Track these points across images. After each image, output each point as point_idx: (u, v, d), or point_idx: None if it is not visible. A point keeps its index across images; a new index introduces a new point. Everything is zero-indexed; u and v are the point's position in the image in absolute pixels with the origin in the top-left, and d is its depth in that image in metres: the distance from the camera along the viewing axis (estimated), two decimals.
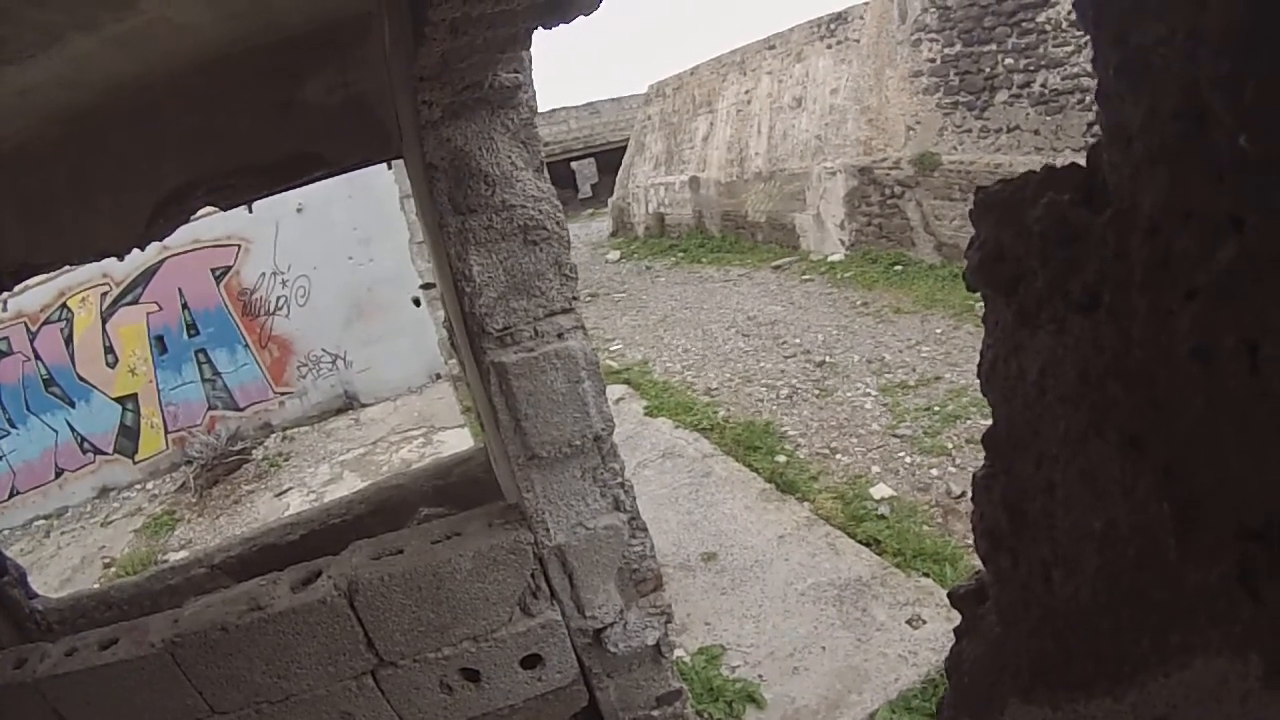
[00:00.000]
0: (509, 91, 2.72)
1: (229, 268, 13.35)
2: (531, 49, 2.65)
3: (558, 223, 2.88)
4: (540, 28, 2.30)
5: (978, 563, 3.87)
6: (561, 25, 2.26)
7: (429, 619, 3.37)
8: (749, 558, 6.23)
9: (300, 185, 4.54)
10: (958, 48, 13.17)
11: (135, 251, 4.63)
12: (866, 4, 15.35)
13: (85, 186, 4.38)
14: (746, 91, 19.43)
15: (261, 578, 3.73)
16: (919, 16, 13.93)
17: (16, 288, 5.23)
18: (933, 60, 13.66)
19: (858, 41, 15.45)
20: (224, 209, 4.53)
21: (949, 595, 1.26)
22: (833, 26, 16.27)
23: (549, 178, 2.97)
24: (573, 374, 2.93)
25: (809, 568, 5.94)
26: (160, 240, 4.45)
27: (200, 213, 4.45)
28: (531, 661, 3.54)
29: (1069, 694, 0.93)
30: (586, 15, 2.23)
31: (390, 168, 12.02)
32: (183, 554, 10.11)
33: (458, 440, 10.82)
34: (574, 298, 2.95)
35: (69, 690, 3.91)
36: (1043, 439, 0.88)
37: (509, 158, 2.80)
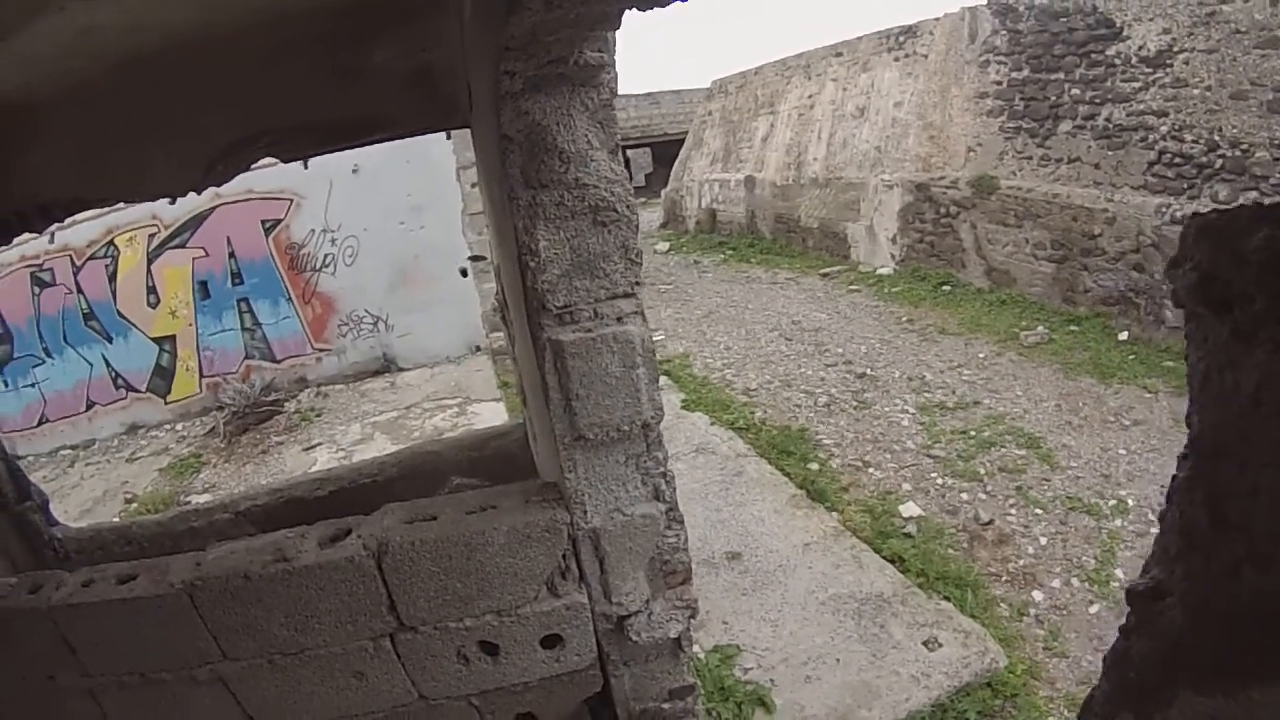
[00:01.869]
0: (592, 70, 2.70)
1: (279, 221, 13.43)
2: (618, 31, 2.62)
3: (628, 206, 2.85)
4: (634, 9, 2.28)
5: (999, 591, 3.87)
6: (655, 9, 2.23)
7: (455, 589, 3.36)
8: (773, 561, 6.21)
9: (362, 145, 4.55)
10: (1025, 73, 13.02)
11: (187, 196, 4.67)
12: (937, 20, 15.23)
13: (142, 129, 4.39)
14: (810, 96, 19.31)
15: (289, 530, 3.73)
16: (989, 38, 13.78)
17: (65, 221, 5.30)
18: (999, 83, 13.51)
19: (925, 57, 15.32)
20: (284, 161, 4.54)
21: (1126, 593, 1.28)
22: (901, 40, 16.15)
23: (624, 161, 2.95)
24: (628, 359, 2.91)
25: (831, 578, 5.91)
26: (218, 186, 4.47)
27: (260, 163, 4.48)
28: (551, 641, 3.53)
29: (1244, 682, 1.00)
30: (683, 1, 2.20)
31: (449, 138, 12.11)
32: (205, 497, 10.31)
33: (492, 414, 10.86)
34: (637, 283, 2.92)
35: (81, 620, 3.93)
36: (1252, 446, 0.95)
37: (585, 136, 2.78)
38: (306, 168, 11.85)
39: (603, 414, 2.97)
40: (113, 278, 14.09)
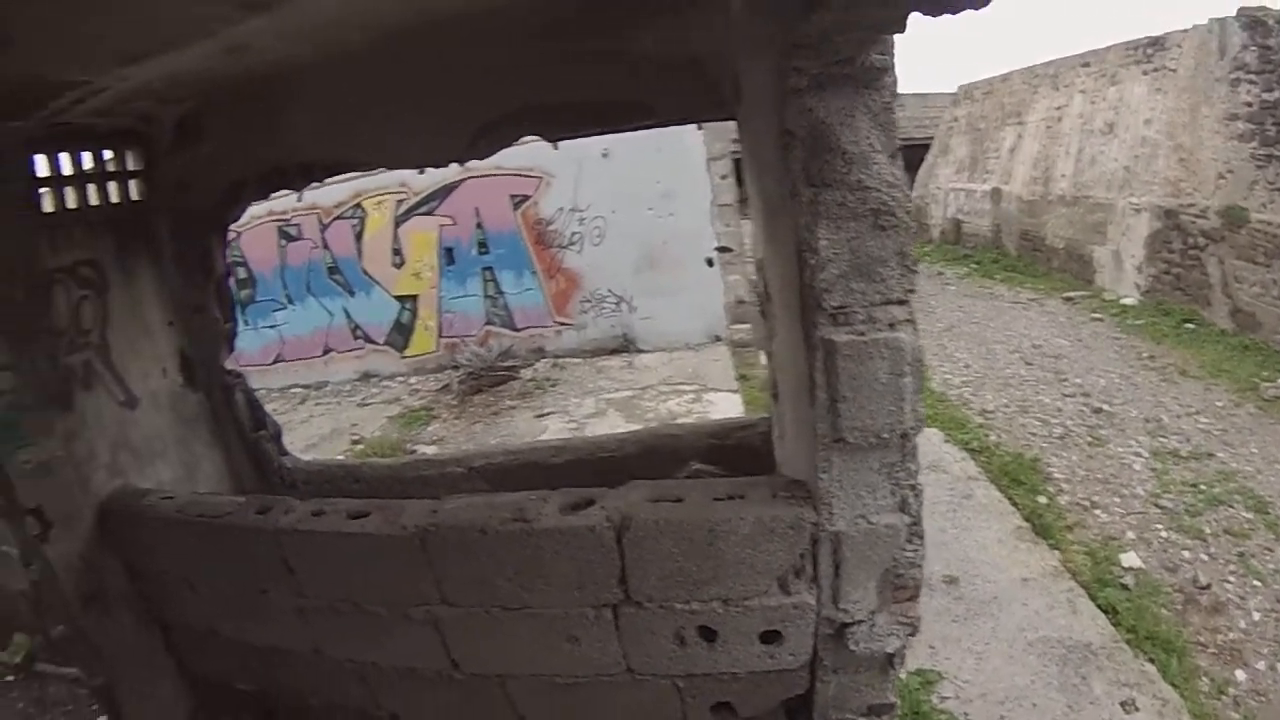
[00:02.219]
0: (876, 72, 2.67)
1: (527, 197, 13.94)
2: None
3: (907, 212, 2.81)
4: (923, 14, 2.26)
5: (1203, 663, 3.72)
6: (945, 15, 2.22)
7: (689, 571, 3.39)
8: (988, 592, 6.02)
9: (625, 130, 4.63)
10: (1276, 94, 12.09)
11: (449, 166, 4.87)
12: (1185, 32, 14.23)
13: (406, 99, 4.61)
14: (1057, 108, 18.50)
15: (530, 492, 3.84)
16: (1238, 54, 12.74)
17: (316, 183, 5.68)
18: (1249, 104, 12.46)
19: (1174, 71, 14.36)
20: (548, 140, 4.67)
21: None
22: (1149, 52, 15.20)
23: (903, 165, 2.90)
24: (897, 365, 2.86)
25: (1043, 619, 5.69)
26: (481, 159, 4.65)
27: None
28: (770, 637, 3.51)
29: None
30: (976, 10, 2.17)
31: (700, 128, 12.22)
32: (432, 449, 10.76)
33: (727, 404, 10.85)
34: (910, 290, 2.87)
35: (305, 546, 4.21)
36: None
37: (868, 138, 2.75)
38: (556, 148, 12.16)
39: (865, 418, 2.94)
40: (359, 237, 15.14)
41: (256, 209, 14.10)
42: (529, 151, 12.53)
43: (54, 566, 4.93)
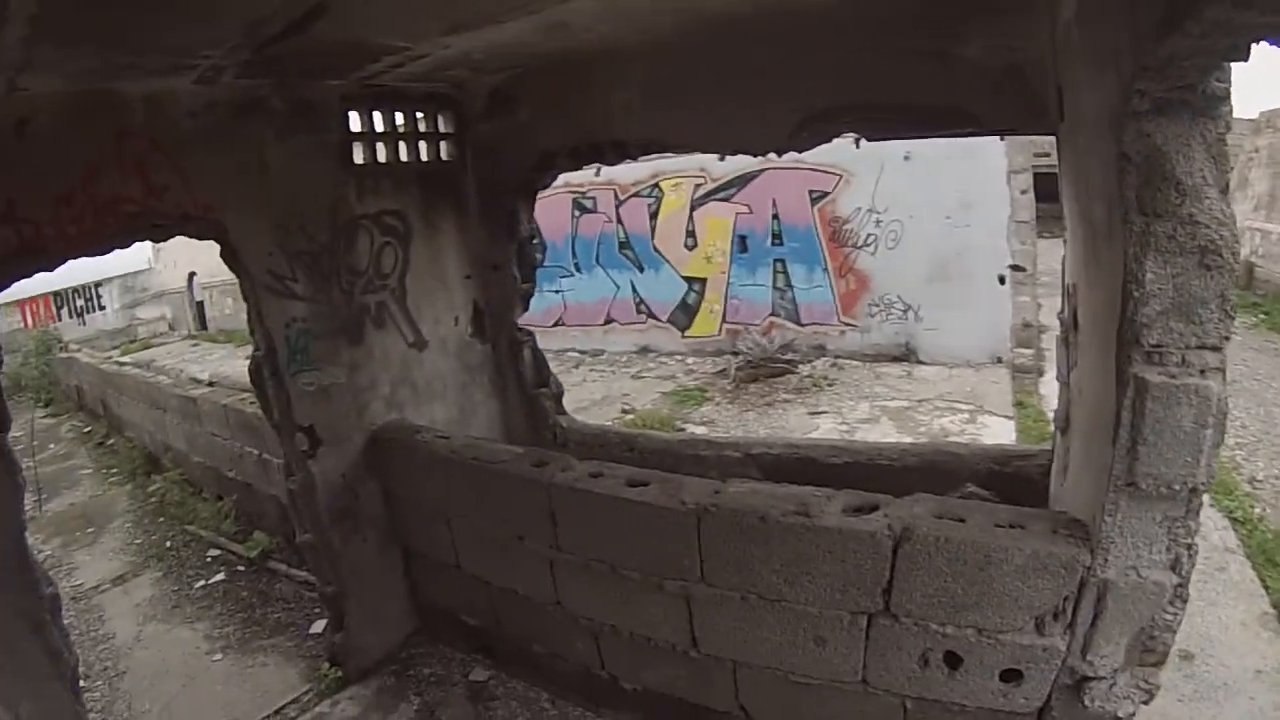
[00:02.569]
0: (1214, 100, 2.50)
1: (826, 194, 13.75)
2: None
3: (1233, 253, 2.62)
4: (1271, 44, 2.12)
5: None
6: None
7: (954, 593, 3.33)
8: (1220, 677, 5.52)
9: (945, 136, 4.57)
10: None
11: (767, 155, 4.92)
12: None
13: (728, 86, 4.67)
14: None
15: (814, 488, 3.86)
16: None
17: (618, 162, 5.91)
18: None
19: None
20: (868, 139, 4.65)
21: None
22: None
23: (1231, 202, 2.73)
24: (1202, 416, 2.69)
25: (1268, 718, 5.23)
26: (800, 151, 4.70)
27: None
28: (1010, 676, 3.39)
29: None
30: None
31: (1003, 139, 11.71)
32: (701, 429, 10.97)
33: (1000, 430, 10.34)
34: (1226, 337, 2.70)
35: (576, 504, 4.38)
36: None
37: (1201, 170, 2.58)
38: (858, 147, 11.97)
39: (1161, 466, 2.78)
40: (654, 215, 15.52)
41: None
42: (831, 148, 12.23)
43: (315, 480, 5.46)
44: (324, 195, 5.39)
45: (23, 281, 4.26)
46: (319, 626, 6.64)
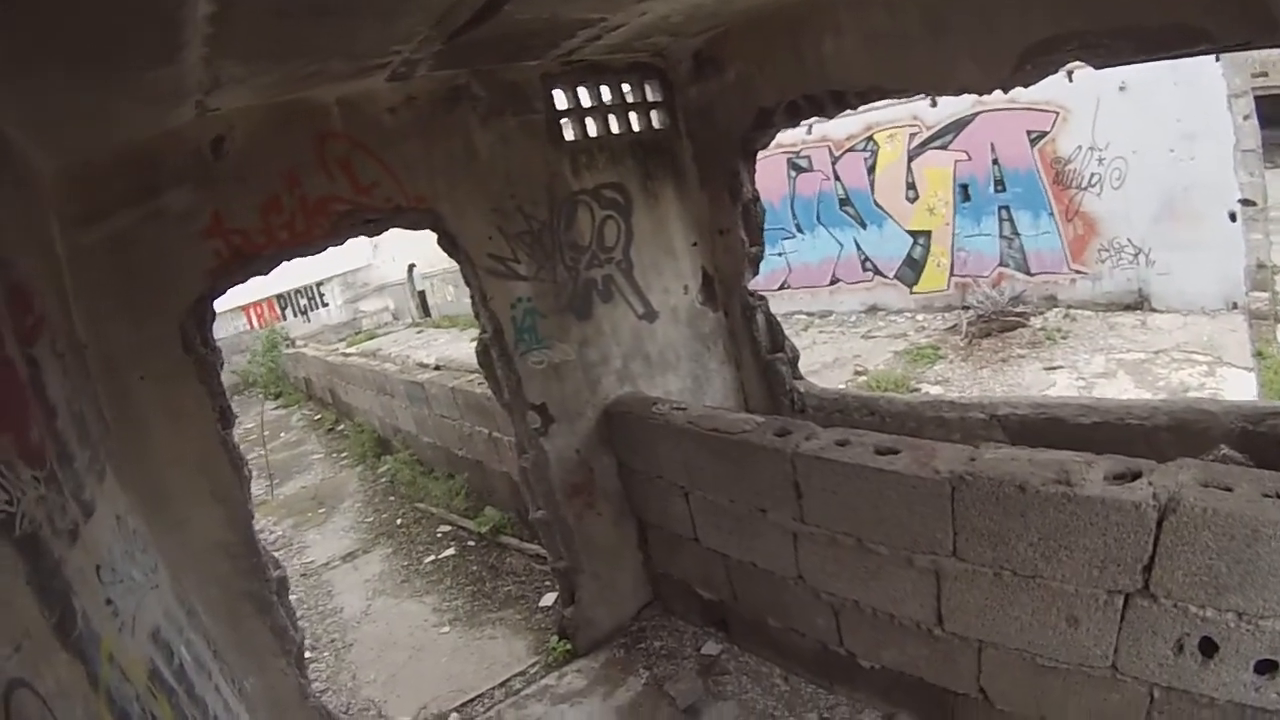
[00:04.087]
0: None
1: (1044, 133, 12.89)
2: None
3: None
4: None
5: None
6: None
7: (1218, 572, 2.93)
8: None
9: (1175, 58, 4.23)
10: None
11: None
12: None
13: (940, 25, 4.37)
14: None
15: (1073, 453, 3.53)
16: None
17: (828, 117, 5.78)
18: None
19: None
20: (1095, 67, 4.29)
21: None
22: None
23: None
24: None
25: None
26: (1025, 86, 4.36)
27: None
28: (1265, 668, 2.95)
29: None
30: None
31: (1218, 59, 10.70)
32: (937, 389, 10.62)
33: (1241, 383, 9.49)
34: None
35: (821, 474, 4.17)
36: None
37: None
38: (1071, 80, 11.10)
39: None
40: (871, 170, 15.02)
41: None
42: (1042, 85, 11.46)
43: (548, 457, 5.50)
44: (538, 175, 5.47)
45: (244, 286, 4.58)
46: (549, 600, 6.73)
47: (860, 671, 4.63)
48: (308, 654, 7.01)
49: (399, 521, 9.78)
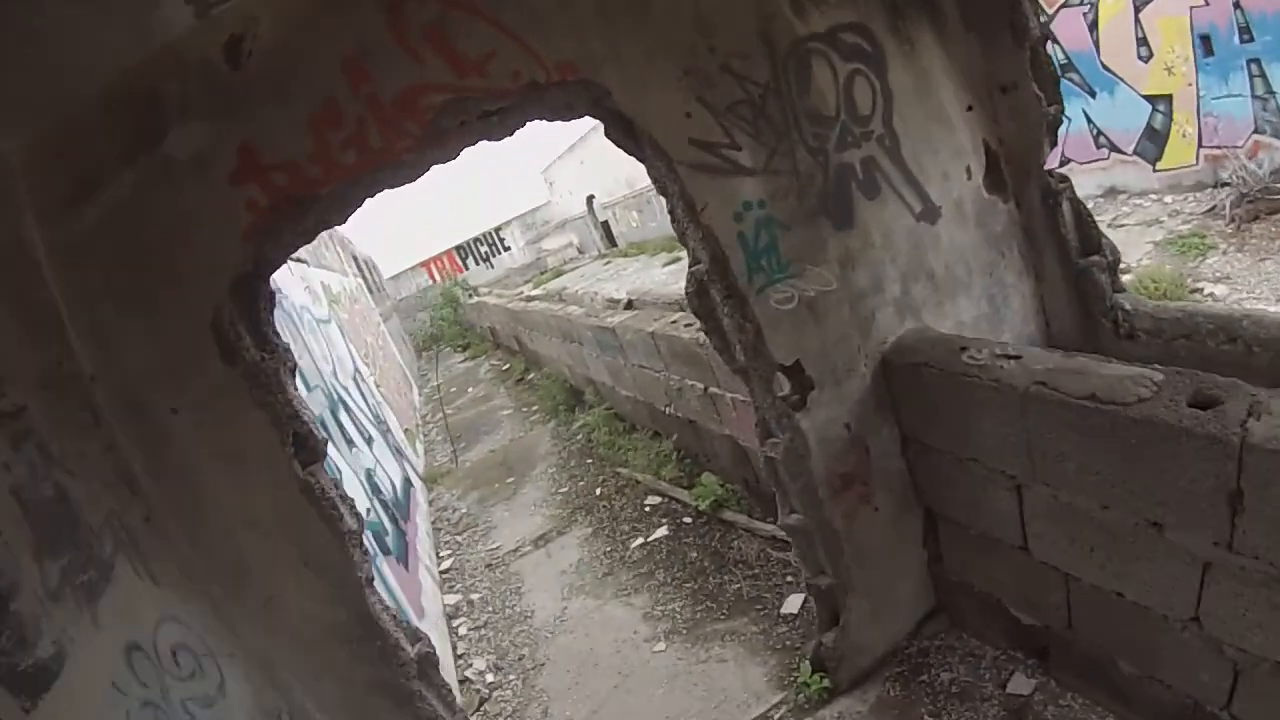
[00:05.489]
0: None
1: None
2: None
3: None
4: None
5: None
6: None
7: None
8: None
9: None
10: None
11: None
12: None
13: None
14: None
15: None
16: None
17: None
18: None
19: None
20: None
21: None
22: None
23: None
24: None
25: None
26: None
27: None
28: None
29: None
30: None
31: None
32: (1219, 289, 8.71)
33: None
34: None
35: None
36: None
37: None
38: None
39: None
40: (1093, 27, 12.86)
41: None
42: None
43: (807, 441, 3.88)
44: (745, 16, 3.61)
45: (420, 240, 3.09)
46: (793, 604, 5.24)
47: None
48: (491, 676, 5.87)
49: (598, 491, 8.42)
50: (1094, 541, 3.30)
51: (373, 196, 3.17)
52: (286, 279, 7.80)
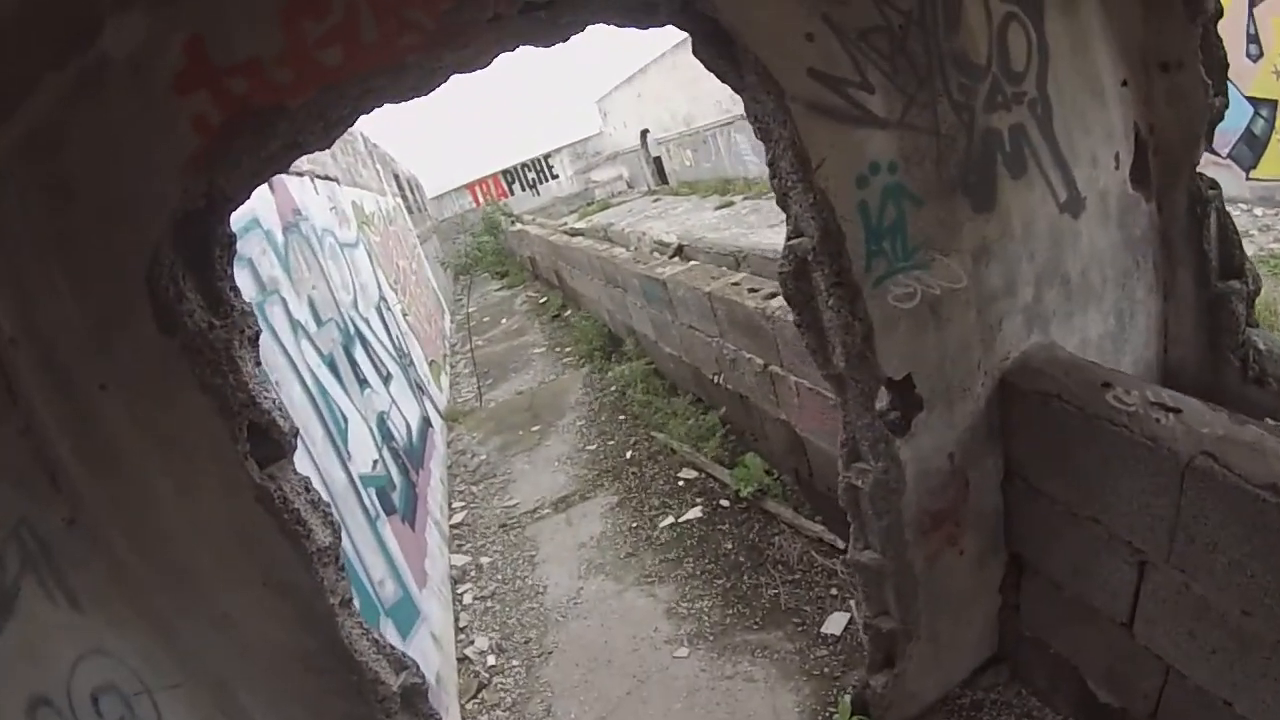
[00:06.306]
0: None
1: None
2: None
3: None
4: None
5: None
6: None
7: None
8: None
9: None
10: None
11: None
12: None
13: None
14: None
15: None
16: None
17: None
18: None
19: None
20: None
21: None
22: None
23: None
24: None
25: None
26: None
27: None
28: None
29: None
30: None
31: None
32: None
33: None
34: None
35: None
36: None
37: None
38: None
39: None
40: None
41: None
42: None
43: (903, 473, 3.21)
44: None
45: (467, 161, 2.34)
46: (836, 623, 4.64)
47: None
48: (492, 659, 5.37)
49: (629, 455, 7.78)
50: (1220, 645, 2.66)
51: (366, 112, 2.38)
52: (311, 199, 7.17)
